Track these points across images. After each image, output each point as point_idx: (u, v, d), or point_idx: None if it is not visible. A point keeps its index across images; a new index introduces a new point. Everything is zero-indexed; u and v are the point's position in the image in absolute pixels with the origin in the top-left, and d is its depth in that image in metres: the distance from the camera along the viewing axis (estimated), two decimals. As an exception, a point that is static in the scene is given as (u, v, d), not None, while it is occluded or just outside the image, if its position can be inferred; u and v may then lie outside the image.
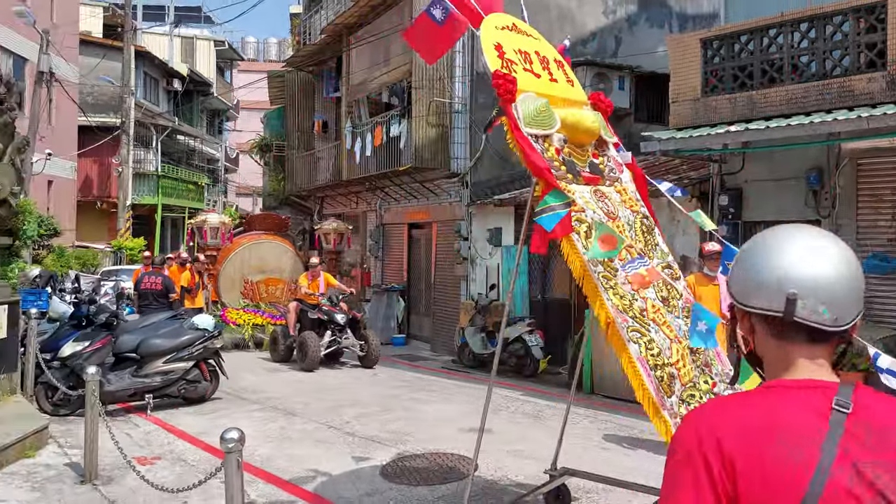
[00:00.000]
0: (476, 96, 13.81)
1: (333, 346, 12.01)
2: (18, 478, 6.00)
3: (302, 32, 20.70)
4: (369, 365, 11.97)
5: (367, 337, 12.14)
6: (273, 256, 16.04)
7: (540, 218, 3.96)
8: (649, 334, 4.04)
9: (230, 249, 15.87)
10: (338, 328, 11.96)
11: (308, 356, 11.44)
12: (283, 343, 12.51)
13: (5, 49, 20.26)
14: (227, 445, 4.19)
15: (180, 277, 13.15)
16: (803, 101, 7.88)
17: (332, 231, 16.34)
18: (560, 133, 4.56)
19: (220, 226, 15.87)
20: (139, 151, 28.00)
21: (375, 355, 12.01)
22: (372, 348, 11.96)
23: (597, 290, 4.02)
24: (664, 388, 3.86)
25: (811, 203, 8.76)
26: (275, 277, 15.83)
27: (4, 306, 7.77)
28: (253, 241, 16.29)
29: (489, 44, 4.50)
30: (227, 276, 15.61)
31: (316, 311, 12.02)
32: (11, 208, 8.02)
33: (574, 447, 7.13)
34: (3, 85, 7.76)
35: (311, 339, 11.55)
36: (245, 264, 15.71)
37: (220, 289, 15.50)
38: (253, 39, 53.07)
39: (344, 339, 12.01)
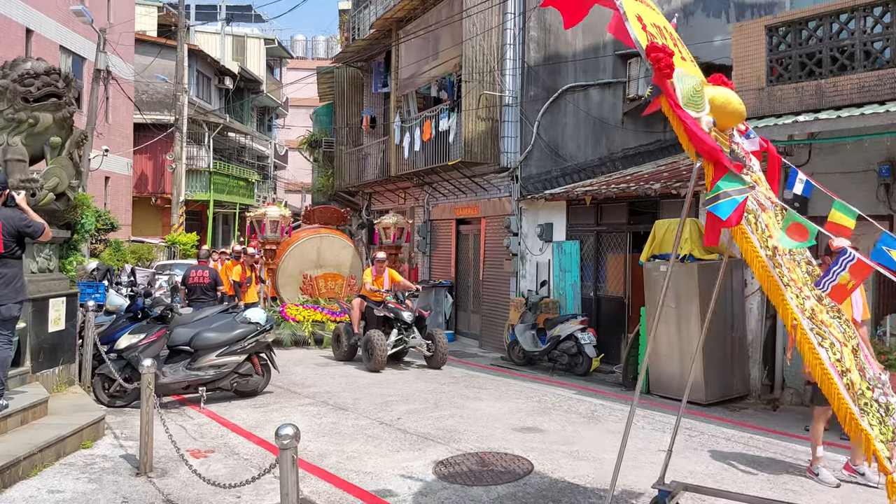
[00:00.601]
0: (527, 89, 13.59)
1: (400, 346, 11.47)
2: (76, 469, 6.06)
3: (351, 28, 20.71)
4: (437, 366, 11.39)
5: (435, 336, 11.52)
6: (332, 251, 15.67)
7: (713, 206, 3.59)
8: (829, 337, 3.68)
9: (288, 244, 15.40)
10: (404, 327, 11.44)
11: (374, 356, 10.90)
12: (346, 341, 12.06)
13: (64, 48, 20.78)
14: (283, 441, 4.11)
15: (232, 271, 13.05)
16: (876, 89, 7.48)
17: (391, 225, 15.81)
18: (709, 116, 4.13)
19: (280, 219, 15.09)
20: (192, 148, 28.50)
21: (443, 356, 11.42)
22: (439, 348, 11.37)
23: (779, 288, 3.62)
24: (851, 396, 3.50)
25: (882, 197, 8.33)
26: (333, 273, 15.47)
27: (63, 298, 7.89)
28: (311, 235, 15.90)
29: (632, 14, 4.04)
30: (286, 271, 15.20)
31: (382, 309, 11.49)
32: (70, 202, 8.14)
33: (643, 453, 6.91)
34: (63, 80, 7.86)
35: (378, 338, 10.98)
36: (304, 259, 15.31)
37: (279, 284, 15.11)
38: (302, 37, 53.59)
39: (411, 339, 11.46)
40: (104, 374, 8.19)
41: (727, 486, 5.90)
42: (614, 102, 14.32)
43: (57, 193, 7.83)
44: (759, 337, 9.54)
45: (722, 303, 9.39)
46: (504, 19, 13.60)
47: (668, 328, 9.50)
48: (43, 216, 7.83)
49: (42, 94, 7.61)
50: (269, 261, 15.14)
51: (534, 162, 13.63)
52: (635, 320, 10.86)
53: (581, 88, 14.03)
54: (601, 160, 14.12)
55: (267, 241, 15.04)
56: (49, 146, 7.86)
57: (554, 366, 11.49)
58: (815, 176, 8.97)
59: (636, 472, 6.22)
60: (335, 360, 12.12)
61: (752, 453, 6.87)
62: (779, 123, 7.92)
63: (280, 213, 15.20)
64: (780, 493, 5.78)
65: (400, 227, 15.84)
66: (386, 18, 16.48)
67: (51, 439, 6.13)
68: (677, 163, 12.91)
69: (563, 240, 12.87)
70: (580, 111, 14.02)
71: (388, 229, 15.81)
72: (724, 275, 9.41)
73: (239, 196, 32.00)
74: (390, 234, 15.80)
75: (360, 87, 20.92)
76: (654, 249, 9.76)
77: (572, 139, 14.01)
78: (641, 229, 11.38)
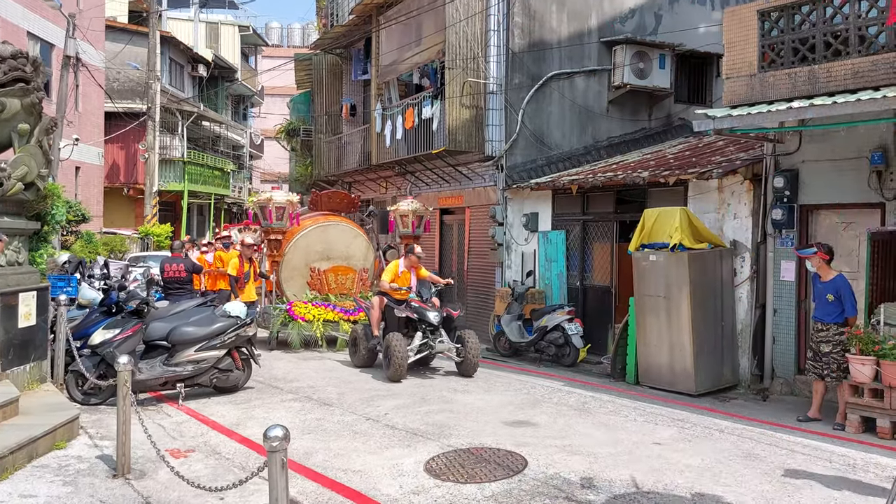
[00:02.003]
0: (511, 76, 13.37)
1: (425, 351, 10.00)
2: (49, 471, 5.76)
3: (329, 15, 20.32)
4: (468, 373, 9.95)
5: (465, 339, 10.02)
6: (342, 241, 13.75)
7: None
8: None
9: (293, 233, 13.57)
10: (430, 329, 9.99)
11: (393, 363, 9.43)
12: (364, 345, 10.58)
13: (32, 34, 20.13)
14: (272, 444, 3.89)
15: (227, 264, 11.76)
16: (871, 74, 7.36)
17: (409, 213, 13.88)
18: None
19: (287, 205, 13.23)
20: (165, 138, 27.89)
21: (475, 361, 9.96)
22: (471, 353, 9.90)
23: None
24: None
25: (874, 184, 8.24)
26: (344, 266, 13.59)
27: (34, 292, 7.55)
28: (319, 223, 13.88)
29: None
30: (290, 263, 13.40)
31: (404, 308, 10.04)
32: (39, 191, 7.79)
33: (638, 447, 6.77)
34: (31, 64, 7.49)
35: (398, 343, 9.51)
36: (310, 250, 13.47)
37: (282, 278, 13.38)
38: (277, 25, 52.85)
39: (437, 343, 9.99)
40: (78, 371, 7.86)
41: (724, 480, 5.77)
42: (599, 90, 14.17)
43: (26, 183, 7.49)
44: (748, 327, 9.46)
45: (711, 292, 9.30)
46: (488, 4, 13.36)
47: (658, 318, 9.38)
48: (11, 206, 7.51)
49: (8, 78, 7.26)
50: (275, 252, 13.42)
51: (519, 150, 13.45)
52: (622, 310, 10.75)
53: (566, 76, 13.84)
54: (587, 149, 13.97)
55: (272, 229, 13.25)
56: (17, 133, 7.50)
57: (541, 357, 11.34)
58: (805, 164, 8.94)
59: (633, 466, 6.07)
60: (352, 367, 10.77)
61: (747, 445, 6.76)
62: (772, 110, 7.79)
63: (287, 198, 13.43)
64: (779, 486, 5.67)
65: (419, 215, 14.02)
66: (366, 4, 16.15)
67: (22, 440, 5.83)
68: (663, 151, 12.80)
69: (548, 229, 12.70)
70: (565, 99, 13.84)
71: (406, 217, 13.94)
72: (714, 264, 9.36)
73: (214, 186, 31.43)
74: (408, 223, 13.93)
75: (340, 75, 20.55)
76: (643, 239, 9.63)
77: (557, 127, 13.84)
78: (628, 218, 11.25)
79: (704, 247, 9.28)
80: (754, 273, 9.44)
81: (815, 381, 7.85)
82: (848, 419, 7.37)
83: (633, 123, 14.52)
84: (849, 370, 7.36)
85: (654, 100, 14.54)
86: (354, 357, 10.83)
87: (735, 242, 9.62)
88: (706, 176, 9.68)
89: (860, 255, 8.40)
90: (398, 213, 14.00)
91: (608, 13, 14.18)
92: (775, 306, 9.23)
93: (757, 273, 9.43)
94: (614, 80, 13.86)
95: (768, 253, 9.32)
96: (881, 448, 6.74)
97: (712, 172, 9.58)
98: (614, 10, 14.27)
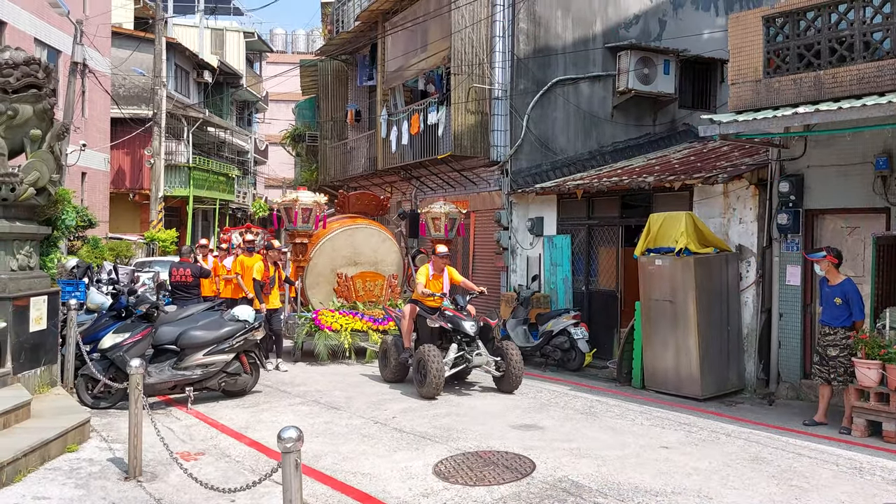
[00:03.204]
0: (516, 82, 13.43)
1: (461, 365, 9.24)
2: (61, 474, 5.81)
3: (334, 21, 20.43)
4: (509, 389, 9.15)
5: (505, 351, 9.19)
6: (369, 245, 12.99)
7: None
8: None
9: (318, 237, 12.77)
10: (466, 340, 9.22)
11: (427, 379, 8.64)
12: (395, 358, 9.77)
13: (39, 41, 20.26)
14: (286, 445, 3.93)
15: (252, 269, 10.89)
16: (877, 80, 7.40)
17: (442, 215, 13.05)
18: None
19: (314, 206, 12.36)
20: (170, 143, 27.98)
21: (518, 376, 9.14)
22: (513, 366, 9.08)
23: None
24: None
25: (879, 189, 8.28)
26: (372, 271, 12.84)
27: (45, 297, 7.61)
28: (346, 225, 13.12)
29: None
30: (315, 269, 12.63)
31: (437, 318, 9.28)
32: (51, 196, 7.86)
33: (646, 450, 6.80)
34: (43, 70, 7.57)
35: (432, 356, 8.70)
36: (336, 255, 12.72)
37: (307, 285, 12.62)
38: (281, 31, 53.01)
39: (475, 356, 9.17)
40: (88, 374, 7.92)
41: (732, 483, 5.80)
42: (604, 96, 14.22)
43: (37, 188, 7.56)
44: (754, 331, 9.48)
45: (717, 297, 9.32)
46: (493, 11, 13.43)
47: (664, 322, 9.40)
48: (23, 211, 7.58)
49: (21, 84, 7.32)
50: (300, 257, 12.53)
51: (524, 155, 13.50)
52: (628, 314, 10.78)
53: (571, 81, 13.90)
54: (591, 154, 14.02)
55: (297, 232, 12.36)
56: (29, 139, 7.57)
57: (546, 361, 11.36)
58: (810, 168, 8.98)
59: (641, 469, 6.10)
60: (382, 381, 9.98)
61: (755, 449, 6.78)
62: (777, 115, 7.83)
63: (314, 198, 12.55)
64: (786, 489, 5.69)
65: (452, 218, 13.17)
66: (372, 10, 16.24)
67: (35, 443, 5.88)
68: (668, 156, 12.85)
69: (554, 234, 12.74)
70: (570, 104, 13.90)
71: (438, 220, 13.07)
72: (720, 268, 9.39)
73: (219, 192, 31.53)
74: (440, 226, 13.08)
75: (345, 81, 20.66)
76: (648, 243, 9.66)
77: (562, 132, 13.89)
78: (633, 223, 11.29)
79: (710, 251, 9.32)
80: (760, 277, 9.47)
81: (821, 386, 7.87)
82: (854, 423, 7.39)
83: (638, 129, 14.56)
84: (855, 374, 7.39)
85: (658, 105, 14.59)
86: (385, 371, 10.04)
87: (740, 247, 9.65)
88: (711, 181, 9.72)
89: (865, 260, 8.42)
90: (430, 215, 13.24)
91: (612, 19, 14.25)
92: (781, 310, 9.25)
93: (763, 277, 9.46)
94: (619, 85, 13.92)
95: (774, 257, 9.35)
96: (887, 452, 6.76)
97: (718, 177, 9.62)
98: (619, 16, 14.34)
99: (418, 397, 8.83)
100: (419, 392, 8.87)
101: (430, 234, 13.24)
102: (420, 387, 8.86)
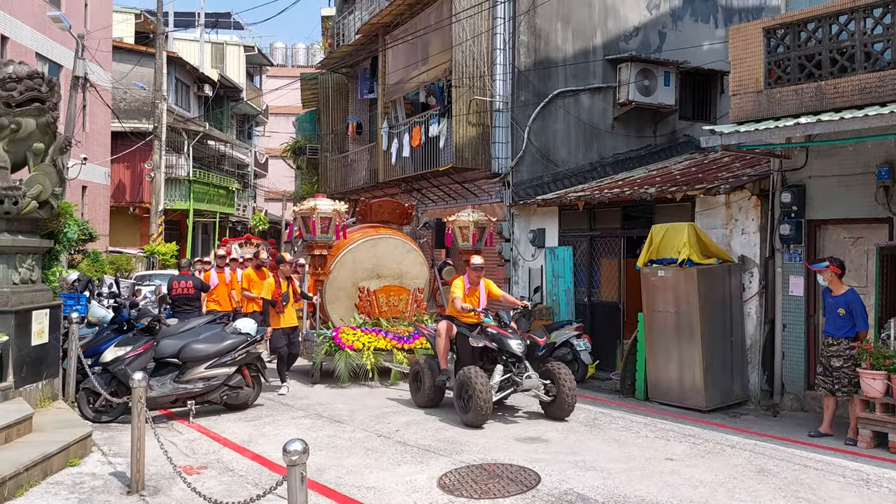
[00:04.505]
0: (517, 94, 13.47)
1: (508, 389, 8.35)
2: (64, 488, 5.77)
3: (335, 34, 20.53)
4: (560, 415, 8.28)
5: (556, 373, 8.29)
6: (393, 257, 12.06)
7: None
8: None
9: (338, 248, 11.82)
10: (513, 361, 8.33)
11: (475, 405, 7.76)
12: (429, 380, 8.90)
13: (41, 55, 20.34)
14: (291, 458, 3.91)
15: (262, 285, 10.39)
16: (878, 90, 7.42)
17: (470, 224, 12.18)
18: None
19: (334, 215, 11.34)
20: (171, 157, 28.04)
21: (571, 401, 8.23)
22: (565, 390, 8.18)
23: None
24: None
25: (882, 199, 8.28)
26: (396, 285, 11.94)
27: (46, 310, 7.59)
28: (369, 235, 12.12)
29: None
30: (335, 282, 11.67)
31: (479, 337, 8.43)
32: (53, 210, 7.85)
33: (651, 462, 6.76)
34: (46, 84, 7.58)
35: (479, 380, 7.83)
36: (358, 267, 11.78)
37: (326, 300, 11.62)
38: (281, 45, 53.22)
39: (524, 379, 8.23)
40: (89, 388, 7.89)
41: (738, 496, 5.76)
42: (605, 107, 14.27)
43: (40, 201, 7.55)
44: (757, 342, 9.46)
45: (720, 308, 9.31)
46: (494, 24, 13.50)
47: (667, 334, 9.38)
48: (26, 225, 7.57)
49: (25, 98, 7.34)
50: (319, 270, 11.45)
51: (525, 167, 13.52)
52: (630, 326, 10.75)
53: (571, 93, 13.95)
54: (592, 165, 14.05)
55: (316, 243, 11.34)
56: (32, 153, 7.57)
57: (549, 373, 11.30)
58: (812, 179, 8.99)
59: (647, 482, 6.07)
60: (415, 406, 9.07)
61: (760, 461, 6.75)
62: (779, 126, 7.84)
63: (333, 206, 11.46)
64: (793, 500, 5.66)
65: (481, 227, 12.33)
66: (372, 24, 16.32)
67: (37, 457, 5.84)
68: (669, 167, 12.86)
69: (555, 245, 12.73)
70: (571, 116, 13.94)
71: (466, 228, 12.24)
72: (723, 279, 9.38)
73: (219, 205, 31.56)
74: (468, 235, 12.25)
75: (345, 94, 20.73)
76: (651, 254, 9.65)
77: (563, 144, 13.93)
78: (635, 234, 11.29)
79: (713, 262, 9.31)
80: (763, 288, 9.45)
81: (825, 397, 7.83)
82: (860, 434, 7.36)
83: (639, 140, 14.60)
84: (860, 385, 7.36)
85: (658, 116, 14.63)
86: (418, 395, 9.14)
87: (743, 258, 9.64)
88: (713, 192, 9.73)
89: (869, 270, 8.41)
90: (457, 224, 12.38)
91: (613, 31, 14.32)
92: (784, 321, 9.23)
93: (766, 288, 9.45)
94: (619, 97, 13.97)
95: (777, 268, 9.34)
96: (894, 463, 6.72)
97: (720, 188, 9.63)
98: (619, 28, 14.41)
99: (459, 424, 8.03)
100: (462, 420, 8.04)
101: (458, 244, 12.45)
102: (463, 413, 8.00)
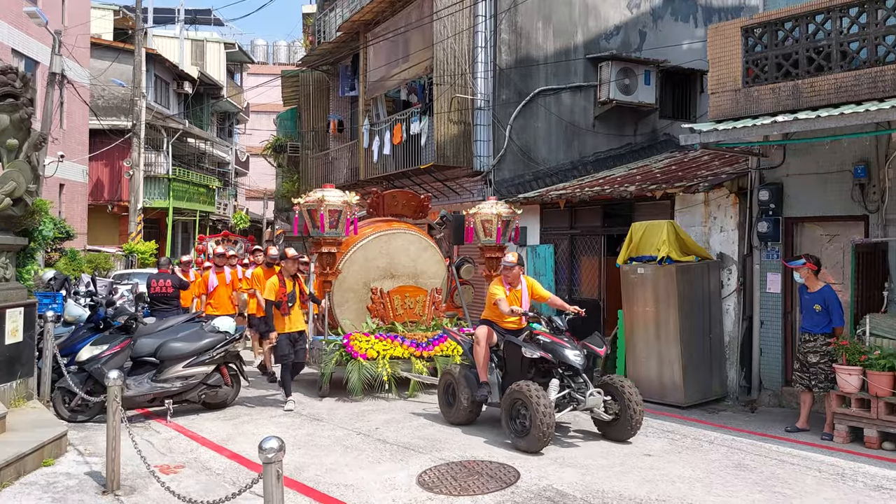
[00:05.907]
0: (499, 92, 13.48)
1: (567, 406, 7.14)
2: (38, 488, 5.69)
3: (316, 32, 20.42)
4: (623, 437, 7.22)
5: (620, 387, 7.21)
6: (408, 254, 10.90)
7: None
8: None
9: (347, 244, 10.51)
10: (570, 374, 7.23)
11: (534, 427, 6.62)
12: (467, 395, 7.76)
13: (16, 52, 20.05)
14: (267, 455, 3.87)
15: (265, 285, 9.26)
16: (854, 89, 7.49)
17: (494, 217, 10.74)
18: None
19: (344, 207, 9.84)
20: (150, 154, 27.77)
21: (637, 419, 7.15)
22: (631, 408, 7.10)
23: None
24: None
25: (857, 197, 8.37)
26: (412, 285, 10.79)
27: (20, 308, 7.48)
28: (381, 230, 10.86)
29: None
30: (344, 283, 10.43)
31: (531, 346, 7.31)
32: (27, 207, 7.73)
33: (630, 458, 6.78)
34: (20, 80, 7.47)
35: (541, 400, 6.67)
36: (369, 265, 10.60)
37: (335, 302, 10.38)
38: (262, 42, 52.90)
39: (588, 397, 7.06)
40: (65, 387, 7.78)
41: (716, 490, 5.80)
42: (585, 106, 14.32)
43: (14, 198, 7.44)
44: (736, 338, 9.53)
45: (699, 305, 9.37)
46: (475, 22, 13.50)
47: (646, 331, 9.43)
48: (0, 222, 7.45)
49: (-3, 93, 7.22)
50: (327, 269, 9.95)
51: (507, 165, 13.55)
52: (611, 323, 10.80)
53: (552, 92, 13.98)
54: (573, 164, 14.10)
55: (324, 240, 9.80)
56: (5, 149, 7.48)
57: (530, 371, 11.29)
58: (789, 177, 9.07)
59: (625, 478, 6.09)
60: (446, 423, 8.00)
61: (738, 456, 6.80)
62: (757, 124, 7.90)
63: (343, 198, 9.90)
64: (770, 496, 5.70)
65: (506, 220, 10.85)
66: (353, 21, 16.25)
67: (10, 457, 5.75)
68: (649, 166, 12.93)
69: (537, 243, 12.76)
70: (552, 115, 13.97)
71: (490, 222, 10.80)
72: (701, 276, 9.44)
73: (199, 203, 31.29)
74: (491, 230, 10.81)
75: (326, 91, 20.63)
76: (630, 252, 9.70)
77: (545, 143, 13.96)
78: (615, 232, 11.34)
79: (692, 259, 9.37)
80: (741, 285, 9.53)
81: (802, 392, 7.91)
82: (836, 429, 7.43)
83: (619, 139, 14.68)
84: (836, 380, 7.44)
85: (639, 115, 14.71)
86: (450, 411, 8.02)
87: (722, 255, 9.72)
88: (692, 190, 9.79)
89: (845, 267, 8.51)
90: (479, 217, 10.88)
91: (593, 30, 14.37)
92: (762, 318, 9.31)
93: (744, 285, 9.52)
94: (600, 95, 14.03)
95: (754, 265, 9.42)
96: (869, 458, 6.80)
97: (698, 186, 9.69)
98: (599, 27, 14.46)
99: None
100: (517, 445, 6.88)
101: (480, 239, 10.98)
102: (518, 438, 6.87)
